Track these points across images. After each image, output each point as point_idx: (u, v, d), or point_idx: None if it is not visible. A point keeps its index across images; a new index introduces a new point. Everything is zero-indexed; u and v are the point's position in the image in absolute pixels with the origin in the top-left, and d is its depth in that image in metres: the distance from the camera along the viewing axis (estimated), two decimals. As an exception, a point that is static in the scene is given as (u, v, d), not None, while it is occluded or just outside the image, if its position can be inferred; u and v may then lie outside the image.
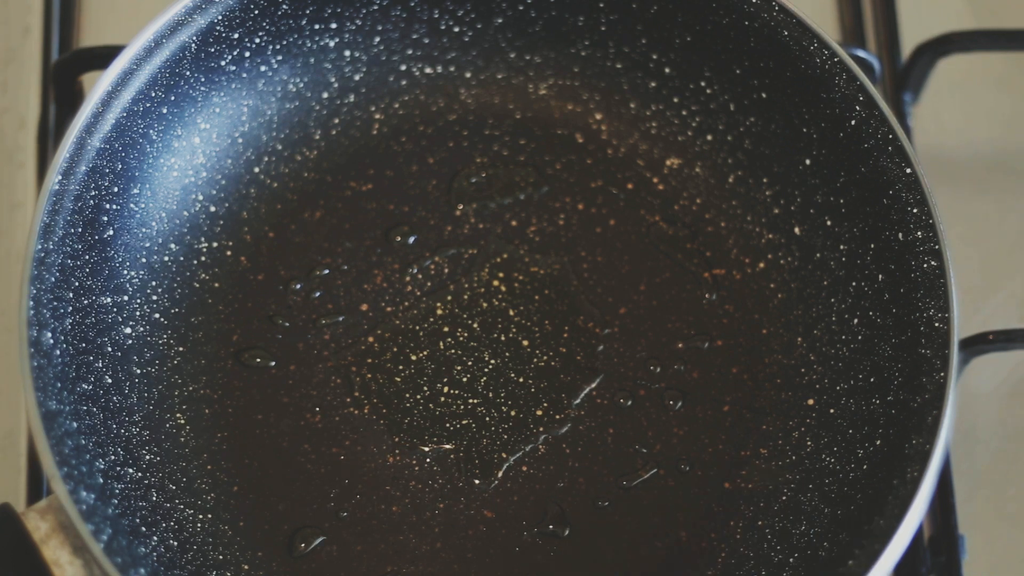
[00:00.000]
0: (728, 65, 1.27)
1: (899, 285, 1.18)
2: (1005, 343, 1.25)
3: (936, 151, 1.40)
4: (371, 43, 1.31)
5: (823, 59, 1.22)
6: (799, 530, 1.17)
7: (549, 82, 1.33)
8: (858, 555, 1.09)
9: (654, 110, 1.32)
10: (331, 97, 1.31)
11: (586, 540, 1.18)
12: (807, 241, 1.26)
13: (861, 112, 1.20)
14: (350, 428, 1.21)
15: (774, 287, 1.27)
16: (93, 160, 1.16)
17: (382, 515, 1.18)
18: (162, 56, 1.19)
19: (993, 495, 1.28)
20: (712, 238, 1.29)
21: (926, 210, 1.17)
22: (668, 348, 1.25)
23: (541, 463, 1.21)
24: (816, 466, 1.19)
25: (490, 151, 1.31)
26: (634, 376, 1.24)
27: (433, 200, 1.29)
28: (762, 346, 1.25)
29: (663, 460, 1.21)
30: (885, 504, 1.10)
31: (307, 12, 1.27)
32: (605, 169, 1.31)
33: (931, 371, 1.13)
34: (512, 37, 1.32)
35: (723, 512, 1.19)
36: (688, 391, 1.23)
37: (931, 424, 1.11)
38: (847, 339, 1.22)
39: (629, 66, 1.31)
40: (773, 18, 1.23)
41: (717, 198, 1.30)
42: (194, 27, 1.20)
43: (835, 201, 1.24)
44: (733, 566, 1.17)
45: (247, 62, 1.26)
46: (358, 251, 1.28)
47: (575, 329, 1.25)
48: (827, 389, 1.22)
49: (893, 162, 1.19)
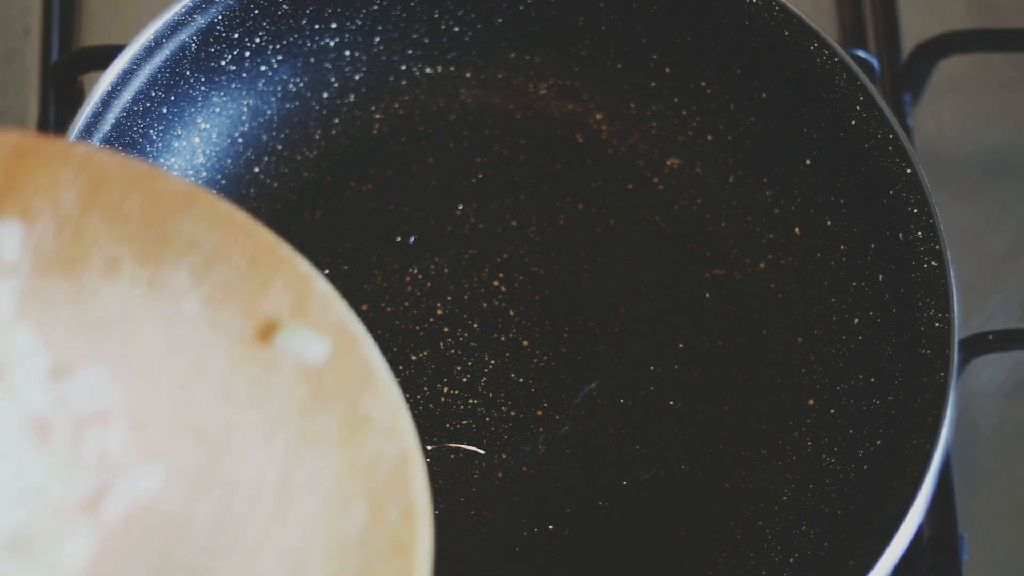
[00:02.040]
0: (728, 65, 1.27)
1: (899, 285, 1.18)
2: (1005, 343, 1.25)
3: (936, 151, 1.40)
4: (371, 43, 1.31)
5: (823, 59, 1.22)
6: (799, 530, 1.17)
7: (549, 82, 1.33)
8: (858, 555, 1.09)
9: (654, 110, 1.32)
10: (331, 97, 1.31)
11: (586, 540, 1.18)
12: (807, 241, 1.26)
13: (861, 112, 1.20)
14: (350, 428, 1.21)
15: (774, 287, 1.27)
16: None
17: (382, 515, 1.18)
18: (162, 56, 1.19)
19: (993, 495, 1.28)
20: (712, 238, 1.29)
21: (926, 210, 1.17)
22: (668, 348, 1.25)
23: (541, 463, 1.21)
24: (816, 466, 1.19)
25: (490, 151, 1.31)
26: (634, 376, 1.24)
27: (433, 200, 1.29)
28: (762, 346, 1.25)
29: (663, 460, 1.21)
30: (885, 504, 1.10)
31: (307, 12, 1.27)
32: (605, 169, 1.31)
33: (931, 371, 1.13)
34: (512, 37, 1.32)
35: (723, 512, 1.19)
36: (688, 391, 1.23)
37: (931, 424, 1.11)
38: (847, 339, 1.22)
39: (629, 66, 1.31)
40: (773, 18, 1.23)
41: (717, 198, 1.30)
42: (194, 27, 1.20)
43: (835, 201, 1.24)
44: (733, 566, 1.17)
45: (247, 62, 1.26)
46: (358, 251, 1.28)
47: (575, 329, 1.25)
48: (827, 389, 1.22)
49: (893, 162, 1.19)
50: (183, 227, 0.96)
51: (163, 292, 0.93)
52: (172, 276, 0.94)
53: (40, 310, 0.92)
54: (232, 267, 0.95)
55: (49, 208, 0.95)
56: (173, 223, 0.96)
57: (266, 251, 0.96)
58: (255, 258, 0.95)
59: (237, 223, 0.96)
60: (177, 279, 0.94)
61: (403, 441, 0.91)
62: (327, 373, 0.92)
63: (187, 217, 0.96)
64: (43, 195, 0.95)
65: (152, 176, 0.97)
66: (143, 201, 0.96)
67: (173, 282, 0.94)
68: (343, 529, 0.88)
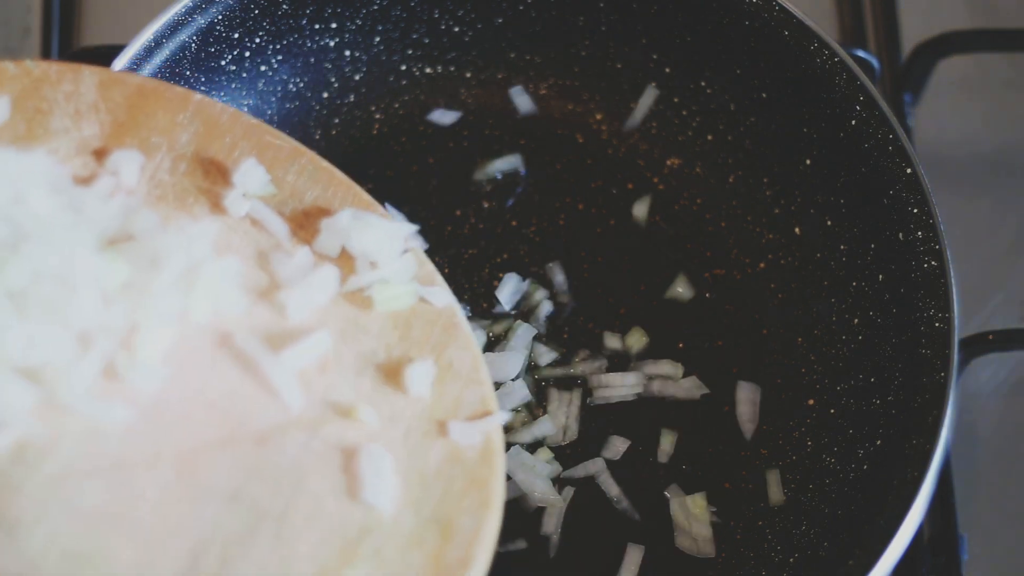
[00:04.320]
0: (728, 65, 1.27)
1: (899, 285, 1.18)
2: (1005, 343, 1.25)
3: (936, 151, 1.40)
4: (371, 43, 1.31)
5: (823, 59, 1.22)
6: (799, 530, 1.17)
7: (549, 82, 1.33)
8: (858, 555, 1.09)
9: (654, 110, 1.32)
10: (331, 97, 1.31)
11: (586, 541, 1.18)
12: (807, 241, 1.26)
13: (861, 112, 1.20)
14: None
15: (774, 287, 1.27)
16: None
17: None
18: (162, 56, 1.19)
19: (993, 495, 1.28)
20: (712, 238, 1.29)
21: (926, 210, 1.17)
22: (668, 348, 1.25)
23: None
24: (816, 466, 1.19)
25: (490, 151, 1.31)
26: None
27: (433, 200, 1.29)
28: (762, 346, 1.25)
29: (663, 460, 1.21)
30: (885, 504, 1.10)
31: (307, 12, 1.27)
32: (605, 169, 1.31)
33: (931, 371, 1.13)
34: (512, 37, 1.32)
35: (724, 511, 1.19)
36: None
37: (931, 424, 1.11)
38: (847, 339, 1.22)
39: (629, 66, 1.31)
40: (773, 18, 1.23)
41: (717, 198, 1.30)
42: (194, 27, 1.20)
43: (835, 201, 1.24)
44: (733, 566, 1.17)
45: (247, 62, 1.26)
46: (358, 251, 1.28)
47: (575, 329, 1.25)
48: (827, 389, 1.22)
49: (893, 162, 1.19)
50: (287, 178, 1.04)
51: (264, 233, 1.02)
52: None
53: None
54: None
55: (165, 145, 1.04)
56: (278, 173, 1.04)
57: (363, 208, 1.04)
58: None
59: (337, 180, 1.05)
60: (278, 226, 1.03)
61: (482, 390, 0.99)
62: (415, 321, 1.01)
63: (291, 169, 1.05)
64: (161, 133, 1.04)
65: (261, 129, 1.05)
66: (251, 149, 1.04)
67: (274, 227, 1.02)
68: (425, 460, 0.96)
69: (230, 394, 0.96)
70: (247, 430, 0.95)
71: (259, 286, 1.00)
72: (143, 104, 1.05)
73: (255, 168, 1.03)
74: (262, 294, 1.00)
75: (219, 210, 1.02)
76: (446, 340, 1.01)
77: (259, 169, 1.03)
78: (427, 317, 1.01)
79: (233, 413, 0.95)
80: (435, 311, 1.02)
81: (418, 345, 1.00)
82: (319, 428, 0.96)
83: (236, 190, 1.03)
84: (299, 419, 0.96)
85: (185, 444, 0.93)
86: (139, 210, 0.99)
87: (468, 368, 1.00)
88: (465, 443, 0.97)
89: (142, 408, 0.94)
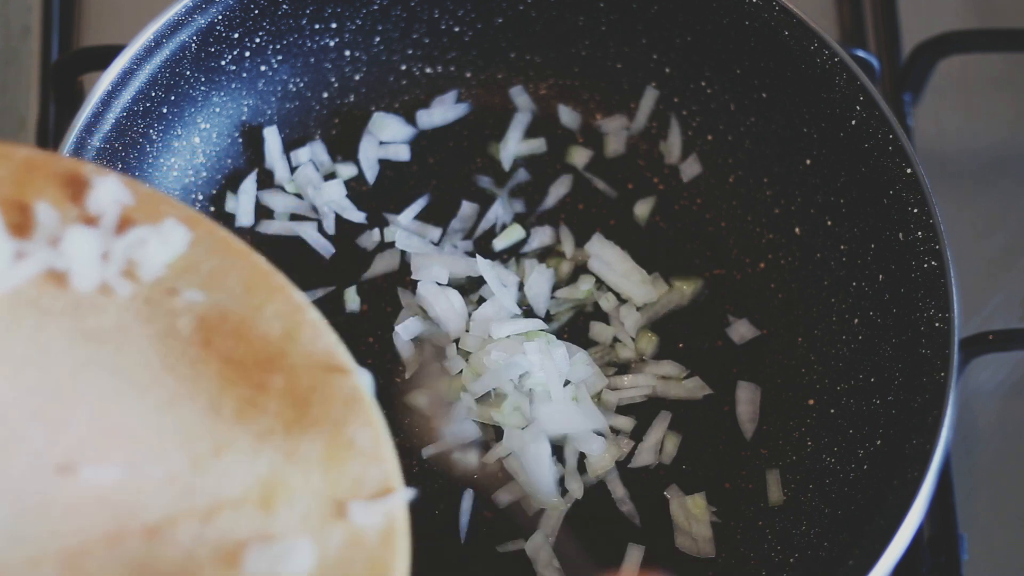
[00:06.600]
0: (728, 65, 1.27)
1: (899, 285, 1.18)
2: (1005, 343, 1.25)
3: (936, 151, 1.40)
4: (371, 43, 1.31)
5: (823, 59, 1.22)
6: (799, 530, 1.17)
7: (549, 82, 1.33)
8: (858, 555, 1.09)
9: (654, 110, 1.32)
10: (331, 97, 1.31)
11: (586, 540, 1.18)
12: (807, 241, 1.26)
13: (861, 112, 1.20)
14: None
15: (774, 287, 1.27)
16: (93, 160, 1.16)
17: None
18: (162, 56, 1.19)
19: (993, 495, 1.28)
20: (712, 238, 1.29)
21: (926, 210, 1.17)
22: (668, 348, 1.25)
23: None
24: (816, 466, 1.19)
25: (490, 151, 1.31)
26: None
27: (433, 200, 1.29)
28: (762, 346, 1.25)
29: (664, 460, 1.21)
30: (885, 504, 1.10)
31: (307, 12, 1.27)
32: (605, 169, 1.31)
33: (931, 371, 1.13)
34: (512, 37, 1.32)
35: (724, 511, 1.19)
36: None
37: (931, 424, 1.11)
38: (847, 339, 1.22)
39: (629, 66, 1.31)
40: (773, 18, 1.23)
41: (717, 198, 1.30)
42: (194, 27, 1.20)
43: (835, 201, 1.24)
44: (733, 566, 1.18)
45: (247, 62, 1.26)
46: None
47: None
48: (827, 389, 1.22)
49: (893, 162, 1.19)
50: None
51: (158, 310, 0.94)
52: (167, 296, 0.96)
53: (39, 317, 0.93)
54: (227, 291, 0.96)
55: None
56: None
57: (261, 278, 0.97)
58: (250, 285, 0.96)
59: (234, 249, 0.97)
60: (172, 299, 0.95)
61: (384, 467, 0.92)
62: (313, 397, 0.93)
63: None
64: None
65: (151, 198, 0.98)
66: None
67: (167, 302, 0.95)
68: (323, 547, 0.89)
69: (120, 484, 0.90)
70: (136, 523, 0.88)
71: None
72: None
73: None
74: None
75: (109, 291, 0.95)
76: (347, 416, 0.93)
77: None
78: (326, 392, 0.94)
79: (123, 504, 0.89)
80: (335, 384, 0.94)
81: (317, 422, 0.93)
82: (212, 517, 0.89)
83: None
84: (191, 508, 0.89)
85: (71, 542, 0.87)
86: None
87: (370, 444, 0.93)
88: (366, 524, 0.90)
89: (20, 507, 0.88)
